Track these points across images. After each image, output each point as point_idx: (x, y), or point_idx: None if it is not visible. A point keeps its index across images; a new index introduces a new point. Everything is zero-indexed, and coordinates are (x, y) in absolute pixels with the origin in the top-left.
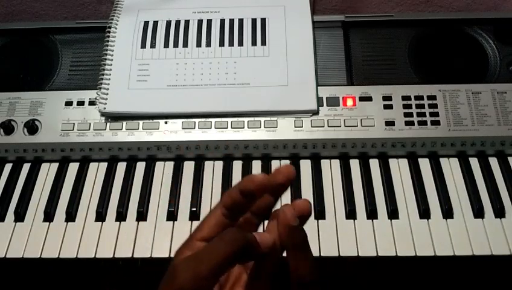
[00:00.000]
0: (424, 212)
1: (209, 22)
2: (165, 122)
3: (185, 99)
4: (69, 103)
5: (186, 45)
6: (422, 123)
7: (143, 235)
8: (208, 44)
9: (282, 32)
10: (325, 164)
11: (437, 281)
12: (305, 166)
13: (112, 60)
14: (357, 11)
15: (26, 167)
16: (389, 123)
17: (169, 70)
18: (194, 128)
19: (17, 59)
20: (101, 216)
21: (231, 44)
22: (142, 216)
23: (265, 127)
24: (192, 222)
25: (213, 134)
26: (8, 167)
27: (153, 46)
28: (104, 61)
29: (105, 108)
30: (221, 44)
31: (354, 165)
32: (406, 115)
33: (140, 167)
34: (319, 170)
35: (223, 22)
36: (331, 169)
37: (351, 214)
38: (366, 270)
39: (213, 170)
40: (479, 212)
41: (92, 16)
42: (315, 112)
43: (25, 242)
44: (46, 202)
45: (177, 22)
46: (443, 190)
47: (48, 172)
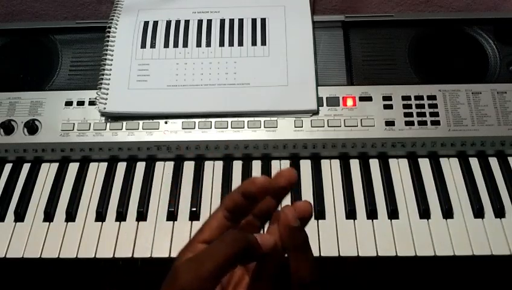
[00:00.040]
0: (424, 212)
1: (209, 22)
2: (165, 122)
3: (185, 99)
4: (69, 103)
5: (186, 45)
6: (422, 123)
7: (143, 235)
8: (208, 44)
9: (282, 32)
10: (325, 164)
11: (437, 281)
12: (305, 166)
13: (112, 60)
14: (357, 11)
15: (26, 167)
16: (389, 123)
17: (169, 70)
18: (194, 128)
19: (17, 59)
20: (101, 216)
21: (231, 44)
22: (142, 216)
23: (265, 127)
24: (192, 222)
25: (213, 134)
26: (8, 167)
27: (153, 46)
28: (104, 61)
29: (105, 108)
30: (221, 44)
31: (354, 165)
32: (406, 115)
33: (140, 167)
34: (319, 170)
35: (223, 22)
36: (331, 169)
37: (351, 214)
38: (366, 270)
39: (213, 170)
40: (479, 212)
41: (92, 16)
42: (315, 112)
43: (25, 242)
44: (46, 202)
45: (177, 22)
46: (443, 190)
47: (48, 172)
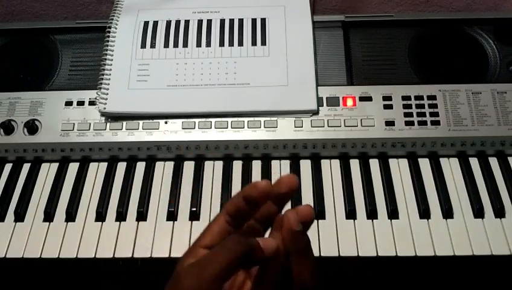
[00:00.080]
0: (424, 212)
1: (209, 22)
2: (165, 122)
3: (185, 99)
4: (69, 103)
5: (186, 45)
6: (422, 123)
7: (143, 235)
8: (208, 44)
9: (282, 32)
10: (325, 164)
11: (437, 281)
12: (305, 166)
13: (112, 60)
14: (357, 11)
15: (26, 167)
16: (389, 123)
17: (169, 70)
18: (194, 128)
19: (17, 59)
20: (101, 216)
21: (231, 44)
22: (142, 216)
23: (265, 127)
24: (192, 222)
25: (213, 134)
26: (8, 167)
27: (153, 46)
28: (104, 61)
29: (105, 108)
30: (221, 44)
31: (354, 165)
32: (406, 115)
33: (140, 167)
34: (319, 170)
35: (223, 22)
36: (331, 169)
37: (351, 214)
38: (366, 270)
39: (213, 170)
40: (479, 212)
41: (92, 16)
42: (315, 112)
43: (25, 242)
44: (46, 202)
45: (177, 22)
46: (443, 190)
47: (48, 172)
